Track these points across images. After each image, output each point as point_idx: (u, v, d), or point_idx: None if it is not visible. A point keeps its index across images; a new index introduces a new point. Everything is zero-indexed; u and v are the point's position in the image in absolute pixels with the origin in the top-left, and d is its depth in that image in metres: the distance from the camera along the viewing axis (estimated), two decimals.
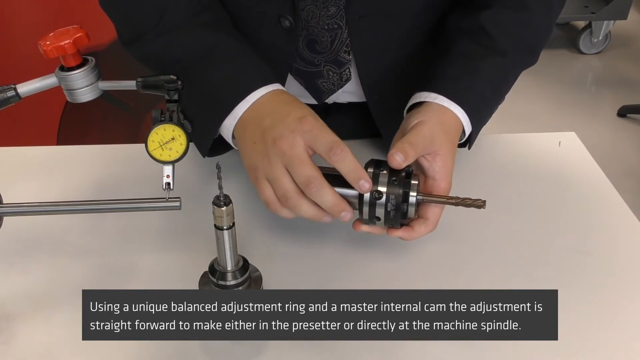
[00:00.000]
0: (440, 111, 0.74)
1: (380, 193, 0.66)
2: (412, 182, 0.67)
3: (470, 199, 0.68)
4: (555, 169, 0.94)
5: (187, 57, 0.75)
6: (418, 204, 0.68)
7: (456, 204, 0.68)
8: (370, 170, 0.67)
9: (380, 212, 0.67)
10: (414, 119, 0.72)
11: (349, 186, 0.66)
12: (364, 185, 0.65)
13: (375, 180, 0.66)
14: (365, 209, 0.67)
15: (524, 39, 0.82)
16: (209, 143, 0.76)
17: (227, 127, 0.72)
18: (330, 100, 0.95)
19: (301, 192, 0.66)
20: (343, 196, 0.67)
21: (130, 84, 0.68)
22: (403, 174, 0.67)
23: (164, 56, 0.77)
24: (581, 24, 3.49)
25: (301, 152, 0.65)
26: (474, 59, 0.79)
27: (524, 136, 1.02)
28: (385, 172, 0.67)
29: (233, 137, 0.73)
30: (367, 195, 0.66)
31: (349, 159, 0.65)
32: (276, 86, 0.73)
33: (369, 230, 0.70)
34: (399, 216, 0.67)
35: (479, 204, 0.67)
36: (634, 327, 0.69)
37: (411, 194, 0.67)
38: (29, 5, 1.48)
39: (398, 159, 0.66)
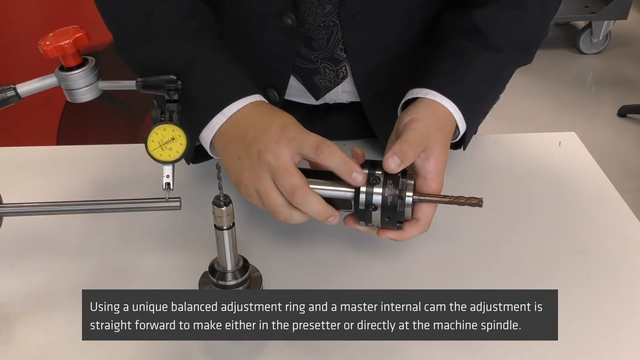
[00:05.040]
0: (433, 107, 0.73)
1: (377, 177, 0.65)
2: (408, 182, 0.66)
3: (463, 197, 0.67)
4: (555, 169, 0.94)
5: (168, 67, 0.74)
6: (414, 203, 0.67)
7: (449, 203, 0.67)
8: (365, 170, 0.66)
9: (376, 214, 0.66)
10: (406, 117, 0.72)
11: (344, 186, 0.66)
12: (357, 177, 0.65)
13: (369, 180, 0.65)
14: (361, 211, 0.66)
15: (518, 36, 0.81)
16: (191, 153, 0.78)
17: (204, 139, 0.73)
18: (330, 100, 0.95)
19: (290, 203, 0.66)
20: (339, 198, 0.67)
21: (130, 84, 0.68)
22: (399, 173, 0.66)
23: (146, 64, 0.77)
24: (581, 24, 3.48)
25: (287, 162, 0.65)
26: (467, 55, 0.78)
27: (524, 136, 1.02)
28: (380, 172, 0.66)
29: (212, 144, 0.73)
30: (362, 197, 0.65)
31: (337, 154, 0.65)
32: (255, 97, 0.73)
33: (360, 228, 0.69)
34: (395, 217, 0.66)
35: (473, 202, 0.66)
36: (634, 327, 0.69)
37: (407, 194, 0.66)
38: (29, 5, 1.48)
39: (392, 163, 0.65)
